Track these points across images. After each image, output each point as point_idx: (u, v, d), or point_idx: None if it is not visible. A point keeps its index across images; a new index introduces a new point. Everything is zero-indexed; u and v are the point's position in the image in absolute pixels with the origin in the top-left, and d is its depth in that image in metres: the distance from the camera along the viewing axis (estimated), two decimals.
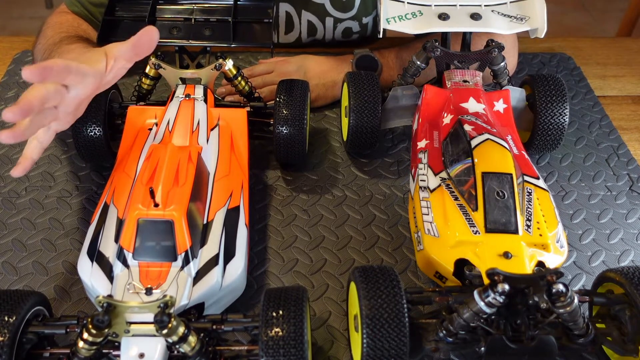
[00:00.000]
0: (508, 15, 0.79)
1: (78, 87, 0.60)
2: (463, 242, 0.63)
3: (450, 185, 0.68)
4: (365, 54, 0.94)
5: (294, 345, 0.53)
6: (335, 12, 1.07)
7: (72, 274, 0.71)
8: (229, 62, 0.81)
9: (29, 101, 0.55)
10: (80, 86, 0.60)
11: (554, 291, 0.53)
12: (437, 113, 0.79)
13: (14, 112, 0.53)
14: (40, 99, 0.55)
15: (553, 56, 1.11)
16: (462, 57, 0.81)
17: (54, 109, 0.60)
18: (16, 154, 0.88)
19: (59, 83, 0.58)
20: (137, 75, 0.84)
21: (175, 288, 0.59)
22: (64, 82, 0.58)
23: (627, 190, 0.85)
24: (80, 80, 0.59)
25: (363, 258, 0.74)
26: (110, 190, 0.70)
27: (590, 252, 0.76)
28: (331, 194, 0.83)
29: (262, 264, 0.73)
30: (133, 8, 0.80)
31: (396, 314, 0.55)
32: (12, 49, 1.11)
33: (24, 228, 0.77)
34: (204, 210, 0.67)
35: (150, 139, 0.75)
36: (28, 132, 0.57)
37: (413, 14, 0.79)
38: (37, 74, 0.54)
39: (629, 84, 1.07)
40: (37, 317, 0.59)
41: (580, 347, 0.58)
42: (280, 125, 0.79)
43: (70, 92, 0.59)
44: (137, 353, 0.54)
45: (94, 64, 0.61)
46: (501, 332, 0.56)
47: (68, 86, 0.59)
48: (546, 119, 0.82)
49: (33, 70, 0.53)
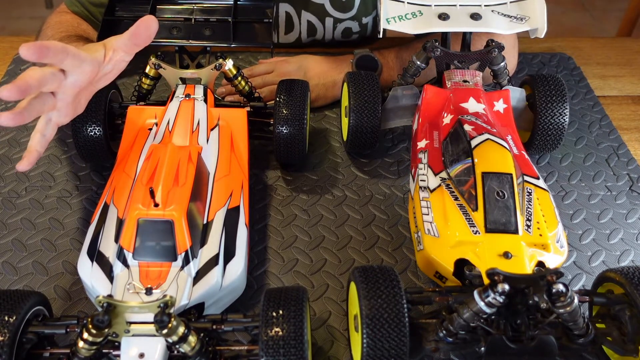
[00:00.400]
0: (508, 15, 0.79)
1: (76, 72, 0.59)
2: (463, 242, 0.63)
3: (450, 185, 0.68)
4: (365, 54, 0.94)
5: (294, 345, 0.53)
6: (335, 12, 1.07)
7: (72, 274, 0.71)
8: (229, 62, 0.81)
9: (26, 80, 0.55)
10: (77, 71, 0.59)
11: (554, 291, 0.53)
12: (437, 113, 0.79)
13: (10, 89, 0.53)
14: (37, 79, 0.55)
15: (553, 56, 1.11)
16: (462, 57, 0.81)
17: (51, 96, 0.60)
18: (16, 153, 0.88)
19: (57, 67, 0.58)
20: (137, 75, 0.84)
21: (175, 288, 0.59)
22: (61, 64, 0.58)
23: (627, 190, 0.85)
24: (77, 65, 0.59)
25: (363, 258, 0.74)
26: (110, 190, 0.70)
27: (590, 252, 0.76)
28: (331, 194, 0.83)
29: (262, 264, 0.73)
30: (133, 8, 0.80)
31: (396, 314, 0.55)
32: (12, 49, 1.11)
33: (24, 228, 0.77)
34: (204, 210, 0.67)
35: (150, 139, 0.75)
36: (27, 114, 0.57)
37: (413, 14, 0.79)
38: (35, 51, 0.54)
39: (629, 84, 1.07)
40: (37, 317, 0.59)
41: (580, 347, 0.58)
42: (280, 125, 0.79)
43: (68, 79, 0.59)
44: (137, 353, 0.54)
45: (92, 52, 0.61)
46: (501, 332, 0.56)
47: (66, 72, 0.59)
48: (546, 119, 0.82)
49: (30, 47, 0.53)
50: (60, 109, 0.62)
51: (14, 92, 0.54)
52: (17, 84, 0.54)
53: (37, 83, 0.56)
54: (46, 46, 0.55)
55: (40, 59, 0.55)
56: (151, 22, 0.60)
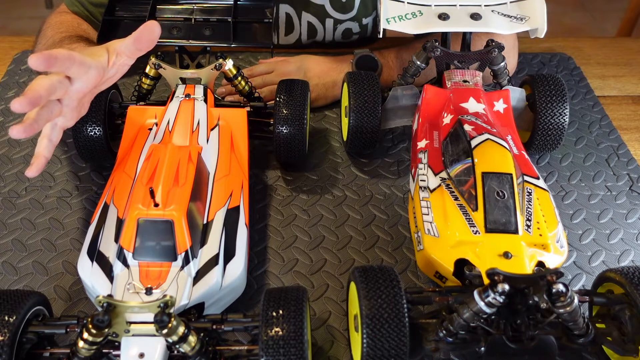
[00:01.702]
0: (508, 15, 0.79)
1: (81, 79, 0.60)
2: (463, 242, 0.63)
3: (450, 185, 0.68)
4: (365, 53, 0.94)
5: (294, 345, 0.53)
6: (335, 13, 1.07)
7: (72, 274, 0.71)
8: (229, 62, 0.81)
9: (36, 91, 0.55)
10: (83, 78, 0.60)
11: (554, 291, 0.53)
12: (437, 113, 0.79)
13: (22, 102, 0.54)
14: (46, 88, 0.56)
15: (553, 56, 1.11)
16: (462, 57, 0.81)
17: (58, 103, 0.60)
18: (16, 153, 0.88)
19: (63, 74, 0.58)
20: (137, 75, 0.84)
21: (175, 288, 0.59)
22: (68, 72, 0.58)
23: (627, 190, 0.85)
24: (83, 71, 0.59)
25: (363, 258, 0.74)
26: (110, 190, 0.70)
27: (590, 252, 0.76)
28: (331, 194, 0.83)
29: (262, 264, 0.73)
30: (133, 8, 0.80)
31: (396, 314, 0.55)
32: (12, 49, 1.11)
33: (24, 228, 0.77)
34: (204, 210, 0.67)
35: (150, 138, 0.75)
36: (36, 125, 0.58)
37: (413, 14, 0.79)
38: (43, 61, 0.54)
39: (629, 84, 1.07)
40: (37, 317, 0.59)
41: (580, 347, 0.58)
42: (280, 125, 0.79)
43: (74, 85, 0.60)
44: (137, 353, 0.54)
45: (96, 57, 0.61)
46: (501, 332, 0.56)
47: (72, 78, 0.59)
48: (546, 119, 0.82)
49: (39, 57, 0.54)
50: (66, 114, 0.63)
51: (25, 104, 0.54)
52: (28, 96, 0.54)
53: (47, 93, 0.56)
54: (54, 55, 0.55)
55: (49, 68, 0.56)
56: (154, 27, 0.61)
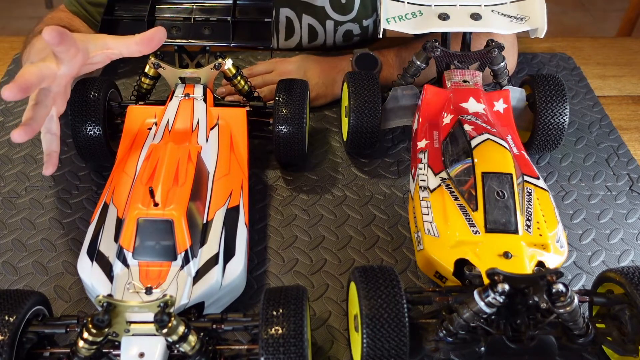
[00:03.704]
0: (508, 15, 0.79)
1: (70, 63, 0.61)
2: (463, 242, 0.63)
3: (450, 185, 0.68)
4: (365, 52, 0.94)
5: (293, 344, 0.53)
6: (335, 14, 1.07)
7: (72, 274, 0.71)
8: (229, 61, 0.81)
9: (25, 78, 0.55)
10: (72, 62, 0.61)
11: (554, 291, 0.53)
12: (437, 113, 0.79)
13: (12, 89, 0.54)
14: (35, 75, 0.56)
15: (553, 56, 1.11)
16: (462, 57, 0.81)
17: (49, 93, 0.60)
18: (16, 153, 0.88)
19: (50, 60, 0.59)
20: (136, 75, 0.84)
21: (175, 287, 0.59)
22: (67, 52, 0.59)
23: (627, 190, 0.85)
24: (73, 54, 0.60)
25: (363, 258, 0.74)
26: (110, 189, 0.70)
27: (590, 252, 0.76)
28: (331, 194, 0.83)
29: (262, 264, 0.73)
30: (132, 8, 0.80)
31: (396, 314, 0.55)
32: (12, 49, 1.11)
33: (24, 228, 0.77)
34: (203, 210, 0.67)
35: (150, 138, 0.75)
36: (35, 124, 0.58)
37: (413, 14, 0.79)
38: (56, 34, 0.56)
39: (629, 84, 1.07)
40: (37, 316, 0.59)
41: (580, 347, 0.58)
42: (279, 124, 0.79)
43: (61, 69, 0.60)
44: (137, 352, 0.54)
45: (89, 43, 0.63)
46: (501, 332, 0.56)
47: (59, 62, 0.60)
48: (546, 119, 0.82)
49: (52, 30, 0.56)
50: (57, 100, 0.63)
51: (15, 91, 0.54)
52: (18, 83, 0.54)
53: (37, 79, 0.56)
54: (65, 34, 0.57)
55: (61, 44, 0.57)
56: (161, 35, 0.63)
